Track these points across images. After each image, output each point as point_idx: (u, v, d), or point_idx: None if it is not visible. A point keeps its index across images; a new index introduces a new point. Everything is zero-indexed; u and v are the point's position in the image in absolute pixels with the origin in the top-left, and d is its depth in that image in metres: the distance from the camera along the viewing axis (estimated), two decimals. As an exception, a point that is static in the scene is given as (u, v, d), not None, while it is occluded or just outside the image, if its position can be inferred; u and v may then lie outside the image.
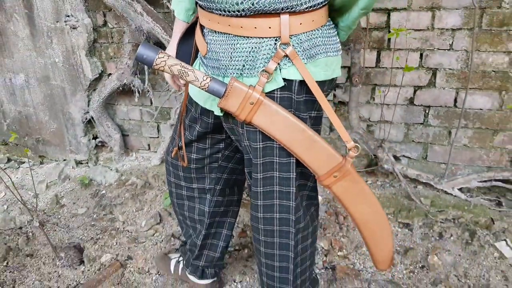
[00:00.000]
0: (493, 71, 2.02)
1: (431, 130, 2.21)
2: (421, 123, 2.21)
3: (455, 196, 2.17)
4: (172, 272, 1.85)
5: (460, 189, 2.18)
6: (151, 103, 2.58)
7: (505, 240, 1.97)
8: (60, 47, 2.48)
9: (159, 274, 1.93)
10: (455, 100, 2.11)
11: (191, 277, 1.76)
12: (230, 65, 1.09)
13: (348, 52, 2.10)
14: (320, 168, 1.15)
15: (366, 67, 2.14)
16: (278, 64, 1.05)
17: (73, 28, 2.38)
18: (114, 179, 2.53)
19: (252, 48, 1.06)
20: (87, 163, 2.71)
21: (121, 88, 2.46)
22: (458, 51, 2.03)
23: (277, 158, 1.17)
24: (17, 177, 2.68)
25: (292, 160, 1.16)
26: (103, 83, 2.50)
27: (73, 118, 2.61)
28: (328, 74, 1.14)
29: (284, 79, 1.07)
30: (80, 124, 2.61)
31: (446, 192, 2.19)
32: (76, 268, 2.01)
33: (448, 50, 2.04)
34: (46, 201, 2.46)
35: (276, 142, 1.13)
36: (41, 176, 2.66)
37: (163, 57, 1.05)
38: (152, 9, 2.21)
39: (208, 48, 1.14)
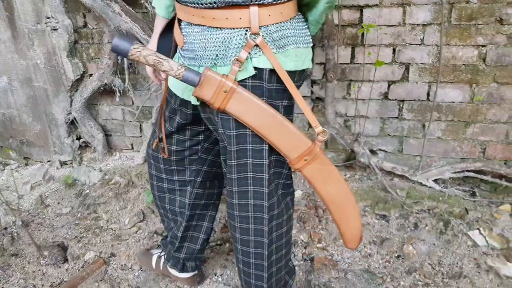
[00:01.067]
0: (463, 64, 2.09)
1: (405, 124, 2.28)
2: (396, 117, 2.28)
3: (430, 187, 2.24)
4: (154, 267, 1.90)
5: (435, 181, 2.25)
6: (133, 102, 2.63)
7: (478, 229, 2.04)
8: (41, 49, 2.52)
9: (141, 270, 1.97)
10: (428, 94, 2.19)
11: (172, 271, 1.81)
12: (205, 55, 1.16)
13: (323, 48, 2.17)
14: (291, 152, 1.23)
15: (341, 63, 2.20)
16: (249, 53, 1.11)
17: (54, 29, 2.43)
18: (98, 179, 2.57)
19: (224, 38, 1.12)
20: (72, 163, 2.76)
21: (102, 88, 2.51)
22: (429, 46, 2.10)
23: (250, 145, 1.23)
24: (2, 179, 2.72)
25: (265, 147, 1.22)
26: (84, 84, 2.54)
27: (56, 119, 2.66)
28: (298, 65, 1.20)
29: (255, 68, 1.13)
30: (63, 125, 2.66)
31: (421, 184, 2.26)
32: (60, 266, 2.05)
33: (419, 45, 2.11)
34: (31, 202, 2.50)
35: (249, 129, 1.19)
36: (26, 177, 2.71)
37: (138, 48, 1.11)
38: (131, 9, 2.26)
39: (184, 40, 1.21)
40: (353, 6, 2.11)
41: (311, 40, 1.25)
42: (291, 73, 1.19)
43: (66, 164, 2.76)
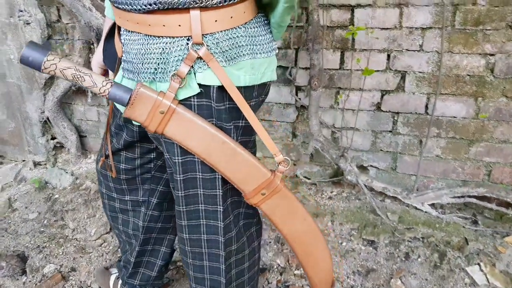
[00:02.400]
0: (467, 75, 1.86)
1: (400, 139, 2.07)
2: (389, 131, 2.08)
3: (425, 212, 2.04)
4: (111, 288, 1.78)
5: (432, 205, 2.04)
6: (108, 103, 2.50)
7: (478, 264, 1.82)
8: (14, 43, 2.41)
9: (99, 289, 1.86)
10: (426, 107, 1.98)
11: (129, 295, 1.68)
12: (143, 69, 0.99)
13: (308, 52, 1.96)
14: (245, 184, 1.07)
15: (329, 69, 2.01)
16: (192, 67, 0.95)
17: (27, 23, 2.32)
18: (69, 183, 2.47)
19: (163, 49, 0.95)
20: (46, 164, 2.66)
21: (74, 88, 2.38)
22: (428, 53, 1.88)
23: (200, 174, 1.08)
24: (-26, 178, 2.65)
25: (217, 176, 1.07)
26: (56, 82, 2.43)
27: (30, 117, 2.56)
28: (256, 78, 1.03)
29: (200, 85, 0.97)
30: (37, 123, 2.56)
31: (415, 208, 2.06)
32: (17, 279, 1.96)
33: (418, 51, 1.90)
34: (0, 204, 2.41)
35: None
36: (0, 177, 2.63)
37: (53, 60, 0.95)
38: (102, 3, 2.12)
39: (123, 49, 1.05)
40: (343, 6, 1.91)
41: (274, 47, 1.07)
42: (247, 89, 1.02)
43: (40, 164, 2.67)
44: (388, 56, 1.93)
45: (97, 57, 1.31)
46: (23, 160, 2.70)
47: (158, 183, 1.43)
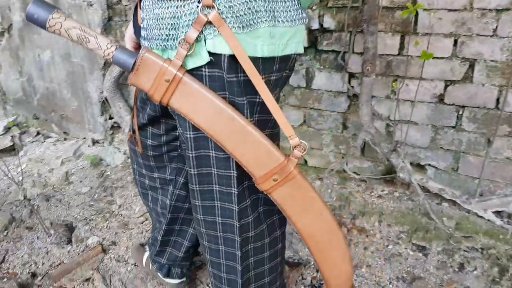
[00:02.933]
0: (551, 65, 1.60)
1: (464, 136, 1.85)
2: (452, 127, 1.86)
3: (488, 220, 1.80)
4: (144, 265, 1.81)
5: (497, 213, 1.80)
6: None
7: (547, 284, 1.57)
8: (80, 24, 2.53)
9: (135, 265, 1.89)
10: (497, 101, 1.74)
11: (158, 274, 1.69)
12: (157, 36, 0.96)
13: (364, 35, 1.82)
14: (256, 168, 0.99)
15: (385, 55, 1.84)
16: (202, 33, 0.89)
17: (90, 5, 2.42)
18: (121, 161, 2.55)
19: (174, 13, 0.91)
20: (103, 143, 2.78)
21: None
22: (503, 38, 1.66)
23: (213, 152, 1.02)
24: (40, 150, 2.85)
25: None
26: (114, 63, 2.51)
27: (91, 97, 2.69)
28: (276, 49, 0.94)
29: (211, 53, 0.91)
30: (97, 103, 2.68)
31: (476, 215, 1.84)
32: (63, 247, 2.05)
33: (490, 36, 1.68)
34: (58, 177, 2.57)
35: None
36: (60, 151, 2.79)
37: (58, 18, 0.94)
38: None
39: (142, 16, 1.02)
40: (406, -16, 1.74)
41: (303, 15, 0.97)
42: (266, 61, 0.94)
43: (98, 142, 2.80)
44: (455, 41, 1.73)
45: (129, 30, 1.30)
46: (84, 138, 2.85)
47: (185, 163, 1.40)
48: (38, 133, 3.01)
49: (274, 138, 1.11)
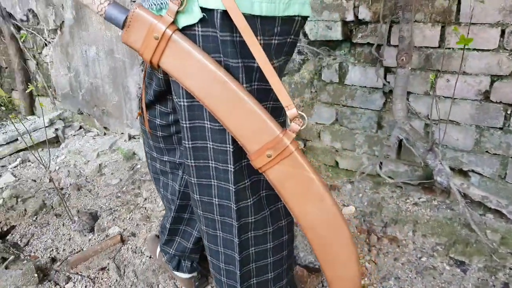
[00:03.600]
0: None
1: (514, 139, 1.64)
2: (500, 128, 1.67)
3: (540, 236, 1.57)
4: (157, 256, 1.77)
5: (552, 229, 1.56)
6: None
7: None
8: (123, 21, 2.62)
9: (150, 257, 1.86)
10: (553, 98, 1.53)
11: (169, 266, 1.64)
12: None
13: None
14: (249, 141, 0.91)
15: (424, 47, 1.70)
16: None
17: (132, 1, 2.49)
18: (151, 156, 2.56)
19: None
20: (139, 138, 2.82)
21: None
22: (561, 26, 1.46)
23: (208, 123, 0.96)
24: (80, 143, 2.94)
25: None
26: (151, 57, 2.55)
27: (130, 92, 2.75)
28: (277, 8, 0.88)
29: (203, 9, 0.85)
30: (135, 98, 2.73)
31: (526, 229, 1.60)
32: (85, 235, 2.07)
33: (546, 24, 1.48)
34: (92, 168, 2.63)
35: None
36: (98, 145, 2.87)
37: None
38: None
39: None
40: (449, -31, 1.61)
41: None
42: (265, 20, 0.87)
43: (134, 138, 2.84)
44: (503, 32, 1.55)
45: None
46: (122, 133, 2.91)
47: None
48: (80, 127, 3.13)
49: (278, 112, 1.02)
